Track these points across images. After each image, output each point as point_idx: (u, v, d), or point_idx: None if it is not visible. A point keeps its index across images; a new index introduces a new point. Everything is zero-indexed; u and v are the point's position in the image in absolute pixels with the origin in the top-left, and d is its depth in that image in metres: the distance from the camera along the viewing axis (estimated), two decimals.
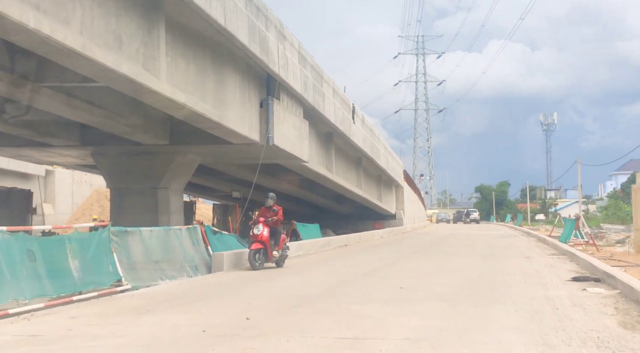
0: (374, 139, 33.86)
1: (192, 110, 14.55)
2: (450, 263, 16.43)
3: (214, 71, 15.75)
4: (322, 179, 27.63)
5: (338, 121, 25.29)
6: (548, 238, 27.15)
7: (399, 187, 48.95)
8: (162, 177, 19.66)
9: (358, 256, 19.08)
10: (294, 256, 18.32)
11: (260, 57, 16.55)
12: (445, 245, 26.16)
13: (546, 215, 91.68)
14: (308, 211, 43.25)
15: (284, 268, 14.65)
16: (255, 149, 19.05)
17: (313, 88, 21.71)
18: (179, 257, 12.77)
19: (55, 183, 38.35)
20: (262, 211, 15.04)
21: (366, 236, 30.43)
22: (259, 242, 14.10)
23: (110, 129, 16.91)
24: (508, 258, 17.92)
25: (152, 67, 12.68)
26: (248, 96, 17.86)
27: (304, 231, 23.30)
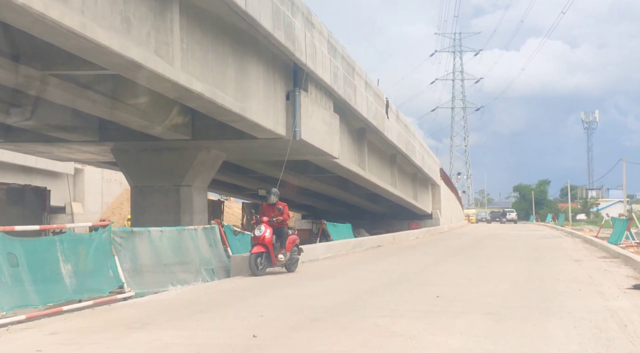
0: (409, 136, 32.51)
1: (210, 100, 13.48)
2: (492, 266, 15.08)
3: (235, 60, 14.67)
4: (354, 177, 26.43)
5: (371, 116, 24.05)
6: (595, 239, 25.50)
7: (436, 186, 47.44)
8: (185, 174, 18.68)
9: (391, 259, 17.82)
10: (323, 259, 17.17)
11: (286, 45, 15.43)
12: (484, 246, 24.71)
13: (587, 215, 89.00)
14: (341, 211, 42.08)
15: (304, 273, 13.35)
16: (282, 144, 17.94)
17: (344, 80, 20.51)
18: (193, 260, 11.71)
19: (85, 182, 37.86)
20: (264, 209, 13.55)
21: (401, 237, 29.10)
22: (261, 245, 12.51)
23: (127, 124, 15.96)
24: (555, 262, 16.49)
25: (165, 53, 11.65)
26: (273, 87, 16.74)
27: (334, 232, 22.10)
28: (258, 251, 12.44)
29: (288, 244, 13.16)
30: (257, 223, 12.97)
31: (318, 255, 17.19)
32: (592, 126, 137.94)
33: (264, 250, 12.52)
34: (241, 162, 23.77)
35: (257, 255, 12.42)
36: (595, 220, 76.68)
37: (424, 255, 19.23)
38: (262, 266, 12.48)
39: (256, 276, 12.18)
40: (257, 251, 12.43)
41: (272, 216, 13.02)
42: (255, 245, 12.53)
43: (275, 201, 13.41)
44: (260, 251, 12.47)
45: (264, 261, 12.53)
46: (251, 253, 12.45)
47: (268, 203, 13.49)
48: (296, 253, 13.60)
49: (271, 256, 12.63)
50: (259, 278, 12.01)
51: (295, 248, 13.59)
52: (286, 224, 13.42)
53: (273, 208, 13.27)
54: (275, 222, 12.95)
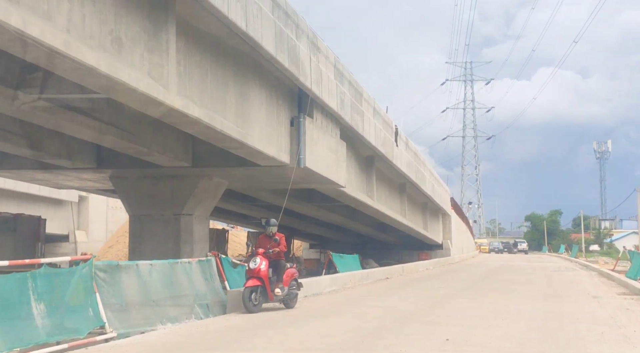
0: (418, 164, 31.77)
1: (208, 126, 12.83)
2: (506, 303, 14.22)
3: (237, 84, 14.06)
4: (362, 206, 25.66)
5: (379, 144, 23.36)
6: (612, 273, 24.55)
7: (446, 215, 46.53)
8: (185, 203, 17.99)
9: (399, 293, 16.97)
10: (327, 292, 16.36)
11: (290, 69, 14.82)
12: (497, 279, 23.78)
13: (601, 246, 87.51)
14: (350, 240, 41.24)
15: (305, 309, 12.53)
16: (286, 172, 17.24)
17: (351, 106, 19.88)
18: (186, 295, 10.95)
19: (90, 210, 37.34)
20: (260, 240, 12.74)
21: (410, 268, 28.21)
22: (256, 278, 11.65)
23: (124, 150, 15.34)
24: (573, 298, 15.60)
25: (160, 76, 11.02)
26: (276, 112, 16.12)
27: (341, 263, 21.28)
28: (252, 285, 11.61)
29: (286, 277, 12.36)
30: (252, 255, 12.22)
31: (322, 289, 16.39)
32: (605, 156, 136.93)
33: (259, 283, 11.69)
34: (245, 190, 23.09)
35: (252, 290, 11.59)
36: (609, 251, 75.33)
37: (434, 289, 18.36)
38: (258, 302, 11.65)
39: (251, 313, 11.36)
40: (251, 285, 11.60)
41: (269, 248, 12.24)
42: (250, 279, 11.71)
43: (273, 231, 12.66)
44: (255, 285, 11.64)
45: (259, 296, 11.68)
46: (245, 287, 11.63)
47: (266, 234, 12.74)
48: (295, 288, 12.77)
49: (267, 290, 11.82)
50: (255, 315, 11.20)
51: (294, 282, 12.78)
52: (283, 256, 12.60)
53: (270, 239, 12.51)
54: (272, 254, 12.16)
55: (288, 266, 12.66)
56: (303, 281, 15.86)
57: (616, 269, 27.34)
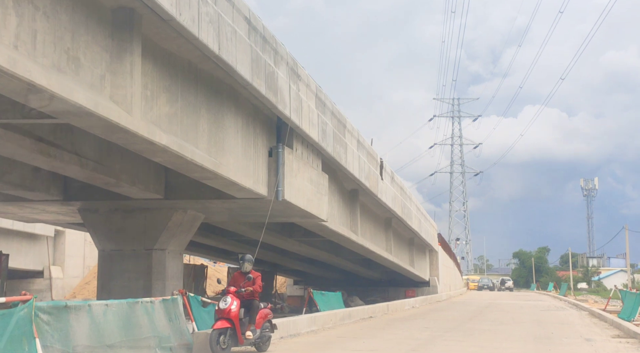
0: (405, 199, 31.00)
1: (177, 155, 12.00)
2: (495, 346, 13.32)
3: (210, 111, 13.29)
4: (346, 241, 24.76)
5: (363, 176, 22.59)
6: (604, 313, 23.69)
7: (433, 252, 45.66)
8: (158, 237, 17.07)
9: (382, 334, 16.02)
10: (305, 333, 15.39)
11: (267, 96, 14.09)
12: (485, 319, 22.84)
13: (589, 284, 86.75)
14: (335, 277, 40.25)
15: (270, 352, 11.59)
16: (264, 205, 16.40)
17: (333, 137, 19.15)
18: (147, 338, 9.98)
19: (66, 244, 36.12)
20: (234, 278, 11.87)
21: (395, 306, 27.22)
22: (226, 319, 10.75)
23: (90, 181, 14.47)
24: (565, 341, 14.72)
25: (122, 100, 10.24)
26: (253, 142, 15.34)
27: (322, 301, 20.28)
28: (221, 326, 10.69)
29: (258, 319, 11.45)
30: (223, 294, 11.30)
31: (300, 329, 15.42)
32: (592, 193, 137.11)
33: (229, 325, 10.77)
34: (224, 224, 22.16)
35: (220, 332, 10.66)
36: (598, 289, 74.58)
37: (419, 330, 17.41)
38: (226, 345, 10.73)
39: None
40: (220, 326, 10.68)
41: (241, 286, 11.34)
42: (219, 320, 10.79)
43: (248, 269, 11.79)
44: (225, 327, 10.71)
45: (228, 339, 10.76)
46: (213, 328, 10.72)
47: (240, 271, 11.85)
48: (268, 330, 11.87)
49: (237, 333, 10.90)
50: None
51: (268, 324, 11.88)
52: (258, 296, 11.68)
53: (244, 276, 11.63)
54: (244, 293, 11.26)
55: (262, 307, 11.76)
56: (280, 321, 14.92)
57: (607, 309, 26.51)
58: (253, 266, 12.28)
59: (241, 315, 11.04)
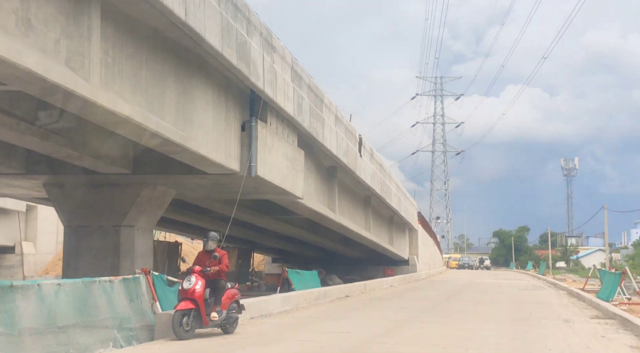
0: (384, 176, 30.53)
1: (141, 126, 11.40)
2: (471, 328, 12.95)
3: (178, 81, 12.65)
4: (324, 219, 24.29)
5: (341, 153, 22.05)
6: (582, 293, 23.49)
7: (413, 230, 45.40)
8: (126, 213, 16.46)
9: (356, 315, 15.60)
10: (277, 313, 14.92)
11: (239, 67, 13.45)
12: (463, 299, 22.54)
13: (567, 263, 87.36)
14: (314, 255, 39.88)
15: (246, 334, 11.07)
16: (236, 181, 15.83)
17: (310, 112, 18.55)
18: (104, 320, 9.44)
19: (38, 220, 35.35)
20: (199, 256, 11.28)
21: (373, 285, 26.86)
22: (189, 300, 10.19)
23: (52, 154, 13.83)
24: (543, 322, 14.39)
25: (80, 67, 9.60)
26: (225, 115, 14.72)
27: (297, 280, 19.80)
28: (185, 307, 10.14)
29: (225, 300, 10.87)
30: (188, 273, 10.74)
31: (272, 309, 14.95)
32: (572, 173, 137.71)
33: (193, 306, 10.23)
34: (198, 201, 21.57)
35: (184, 313, 10.11)
36: (576, 269, 75.03)
37: (396, 310, 17.02)
38: (190, 327, 10.20)
39: (181, 340, 9.93)
40: (183, 307, 10.13)
41: (207, 265, 10.78)
42: (182, 301, 10.22)
43: (212, 247, 11.21)
44: (188, 308, 10.17)
45: (191, 321, 10.22)
46: (176, 310, 10.17)
47: (205, 249, 11.29)
48: (235, 311, 11.30)
49: (201, 314, 10.36)
50: (184, 343, 9.75)
51: (235, 305, 11.29)
52: (224, 276, 11.11)
53: (209, 255, 11.06)
54: (210, 272, 10.70)
55: (228, 287, 11.18)
56: (251, 301, 14.46)
57: (586, 288, 26.35)
58: (222, 243, 11.77)
59: (206, 295, 10.52)
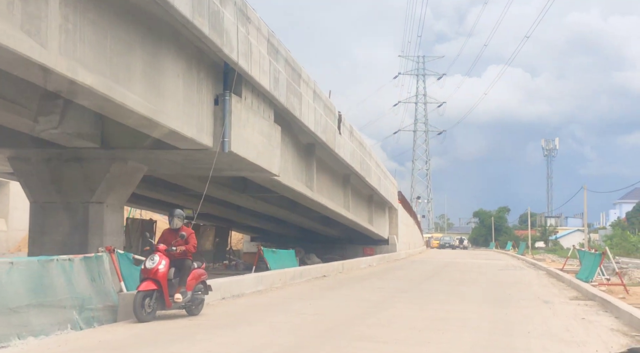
0: (364, 155, 30.08)
1: (105, 97, 10.81)
2: (449, 309, 12.61)
3: (146, 52, 12.03)
4: (301, 198, 23.82)
5: (320, 130, 21.54)
6: (561, 273, 23.34)
7: (393, 209, 45.12)
8: (95, 189, 15.84)
9: (333, 295, 15.22)
10: (250, 293, 14.50)
11: (211, 38, 12.83)
12: (442, 279, 22.27)
13: (546, 243, 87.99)
14: (293, 233, 39.46)
15: (214, 316, 10.60)
16: (209, 157, 15.28)
17: (287, 87, 17.98)
18: (62, 301, 8.93)
19: (10, 196, 34.43)
20: (164, 235, 10.71)
21: (351, 265, 26.53)
22: (152, 280, 9.68)
23: (14, 126, 13.17)
24: (522, 303, 14.11)
25: (36, 31, 8.99)
26: (197, 88, 14.13)
27: (273, 259, 19.33)
28: (147, 288, 9.62)
29: (190, 280, 10.35)
30: (151, 251, 10.20)
31: (245, 289, 14.51)
32: (552, 153, 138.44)
33: (156, 287, 9.72)
34: (172, 178, 20.99)
35: (146, 294, 9.61)
36: (555, 248, 75.56)
37: (372, 290, 16.67)
38: (152, 309, 9.70)
39: (142, 322, 9.45)
40: (145, 288, 9.61)
41: (172, 245, 10.26)
42: (145, 281, 9.71)
43: (179, 225, 10.66)
44: (151, 289, 9.66)
45: (153, 303, 9.73)
46: (138, 290, 9.65)
47: (171, 228, 10.73)
48: (201, 292, 10.80)
49: (165, 295, 9.84)
50: (146, 326, 9.26)
51: (201, 286, 10.78)
52: (190, 256, 10.57)
53: (175, 233, 10.52)
54: (176, 252, 10.18)
55: (195, 267, 10.68)
56: (222, 281, 14.02)
57: (565, 268, 26.23)
58: (198, 221, 11.24)
59: (170, 275, 9.99)
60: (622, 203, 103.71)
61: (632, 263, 31.32)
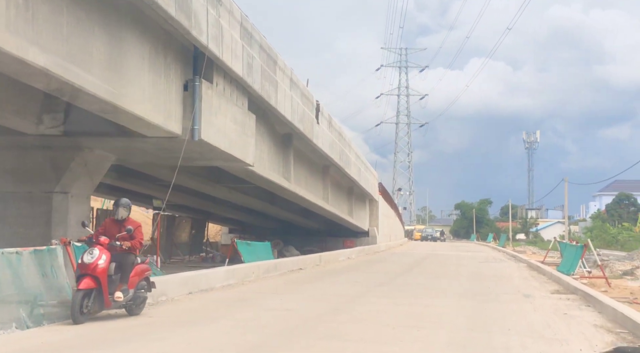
0: (343, 145, 29.51)
1: (61, 80, 10.13)
2: (427, 303, 12.11)
3: (108, 32, 11.34)
4: (278, 189, 23.22)
5: (296, 119, 20.92)
6: (542, 266, 22.99)
7: (374, 201, 44.63)
8: (59, 178, 15.15)
9: (307, 289, 14.66)
10: (220, 287, 13.91)
11: (177, 19, 12.17)
12: (421, 272, 21.81)
13: (527, 235, 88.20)
14: (272, 225, 38.84)
15: (145, 316, 9.64)
16: (180, 145, 14.60)
17: (262, 74, 17.34)
18: (8, 297, 8.25)
19: None
20: (105, 225, 9.66)
21: (329, 257, 25.99)
22: (91, 277, 8.73)
23: None
24: (502, 297, 13.65)
25: None
26: (165, 73, 13.45)
27: (248, 251, 18.71)
28: (86, 287, 8.65)
29: (133, 277, 9.39)
30: (90, 243, 9.28)
31: (215, 283, 13.91)
32: (534, 146, 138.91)
33: (94, 285, 8.75)
34: (142, 167, 20.28)
35: (84, 294, 8.66)
36: (535, 240, 75.69)
37: (349, 284, 16.13)
38: (88, 309, 8.76)
39: (77, 323, 8.54)
40: (84, 287, 8.64)
41: (116, 238, 9.31)
42: (83, 277, 8.73)
43: (125, 216, 9.69)
44: (89, 288, 8.70)
45: (91, 303, 8.78)
46: (77, 289, 8.68)
47: (115, 218, 9.73)
48: (144, 290, 9.84)
49: (104, 294, 8.89)
50: (95, 326, 8.46)
51: (144, 283, 9.81)
52: (135, 251, 9.55)
53: (119, 224, 9.59)
54: (118, 246, 9.23)
55: (138, 262, 9.71)
56: (190, 274, 13.45)
57: (546, 260, 25.92)
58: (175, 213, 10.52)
59: (111, 271, 9.04)
60: (601, 195, 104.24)
61: (612, 255, 31.11)
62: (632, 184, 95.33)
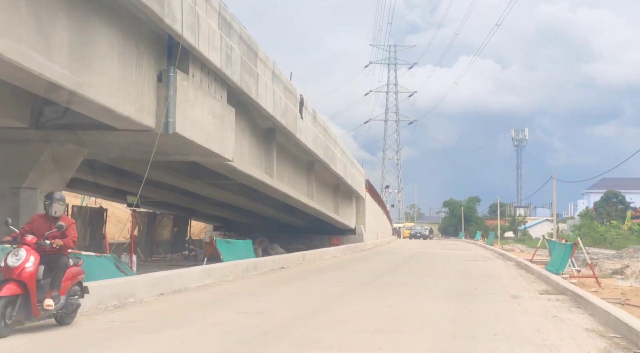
0: (328, 141, 28.89)
1: (19, 67, 9.46)
2: (411, 305, 11.53)
3: (73, 18, 10.68)
4: (260, 185, 22.58)
5: (279, 113, 20.28)
6: (530, 265, 22.46)
7: (360, 199, 44.06)
8: (27, 174, 14.49)
9: (284, 290, 14.03)
10: (195, 287, 13.26)
11: (149, 5, 11.54)
12: (407, 271, 21.23)
13: (515, 233, 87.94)
14: (257, 223, 38.20)
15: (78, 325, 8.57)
16: (153, 139, 13.95)
17: (241, 65, 16.70)
18: None
19: None
20: (34, 222, 8.48)
21: (313, 256, 25.36)
22: (16, 282, 7.63)
23: None
24: (489, 298, 13.08)
25: None
26: (137, 62, 12.79)
27: (227, 250, 18.05)
28: (10, 294, 7.56)
29: (65, 281, 8.31)
30: (15, 242, 8.14)
31: (190, 283, 13.27)
32: (522, 143, 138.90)
33: (20, 291, 7.67)
34: (116, 162, 19.57)
35: (8, 301, 7.57)
36: (523, 238, 75.42)
37: (331, 284, 15.52)
38: (12, 320, 7.65)
39: (0, 337, 7.45)
40: (8, 293, 7.54)
41: (46, 237, 8.21)
42: (6, 283, 7.62)
43: (59, 213, 8.50)
44: (14, 294, 7.62)
45: (15, 312, 7.68)
46: (0, 296, 7.53)
47: (47, 214, 8.48)
48: (77, 296, 8.77)
49: (32, 302, 7.80)
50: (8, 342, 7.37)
51: (77, 288, 8.75)
52: (66, 251, 8.43)
53: (50, 221, 8.44)
54: (48, 246, 8.12)
55: (71, 264, 8.55)
56: (163, 274, 12.78)
57: (534, 259, 25.41)
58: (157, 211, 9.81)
59: (39, 275, 7.99)
60: (590, 193, 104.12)
61: (601, 254, 30.69)
62: (620, 182, 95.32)
